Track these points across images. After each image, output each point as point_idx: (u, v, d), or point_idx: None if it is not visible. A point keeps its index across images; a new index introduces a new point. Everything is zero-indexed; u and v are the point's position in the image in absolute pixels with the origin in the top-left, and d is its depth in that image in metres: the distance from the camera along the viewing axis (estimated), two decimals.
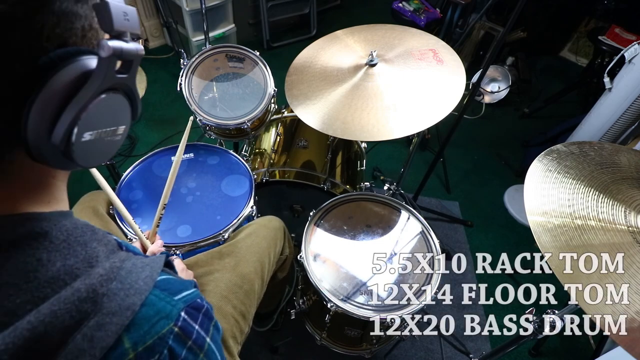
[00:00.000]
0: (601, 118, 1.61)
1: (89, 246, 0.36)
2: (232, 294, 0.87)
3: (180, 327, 0.38)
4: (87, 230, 0.38)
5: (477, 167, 2.24)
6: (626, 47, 1.45)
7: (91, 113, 0.33)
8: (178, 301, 0.39)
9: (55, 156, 0.33)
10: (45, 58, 0.30)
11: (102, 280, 0.34)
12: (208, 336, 0.41)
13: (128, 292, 0.35)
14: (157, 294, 0.38)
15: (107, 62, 0.31)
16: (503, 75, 2.15)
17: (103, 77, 0.32)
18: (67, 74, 0.31)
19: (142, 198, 1.09)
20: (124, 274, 0.36)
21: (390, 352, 1.41)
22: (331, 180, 1.32)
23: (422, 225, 1.11)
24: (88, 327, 0.32)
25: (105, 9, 0.30)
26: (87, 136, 0.34)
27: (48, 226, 0.35)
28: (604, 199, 0.71)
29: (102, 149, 0.37)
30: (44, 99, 0.30)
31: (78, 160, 0.34)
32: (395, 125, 0.95)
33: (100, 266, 0.35)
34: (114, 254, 0.38)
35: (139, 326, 0.35)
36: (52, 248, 0.34)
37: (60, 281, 0.33)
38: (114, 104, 0.36)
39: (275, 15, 2.80)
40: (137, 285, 0.36)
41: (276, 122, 1.48)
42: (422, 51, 1.07)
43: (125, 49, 0.32)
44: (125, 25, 0.32)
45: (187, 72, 1.27)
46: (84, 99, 0.32)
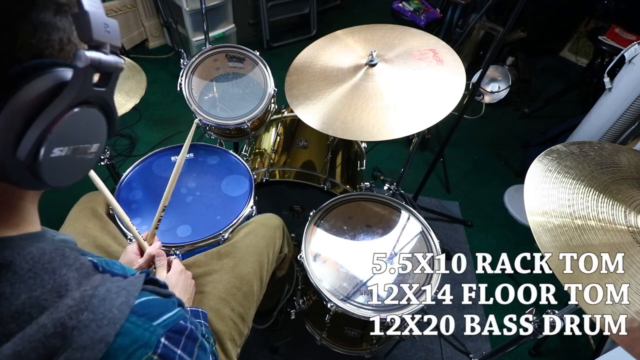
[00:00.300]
0: (601, 118, 1.61)
1: (58, 273, 0.34)
2: (231, 296, 0.87)
3: (160, 355, 0.36)
4: (56, 255, 0.35)
5: (477, 167, 2.24)
6: (626, 47, 1.45)
7: (63, 127, 0.30)
8: (157, 327, 0.37)
9: (21, 174, 0.30)
10: (17, 67, 0.28)
11: (72, 312, 0.32)
12: (192, 358, 0.39)
13: (100, 323, 0.33)
14: (133, 321, 0.35)
15: (84, 73, 0.30)
16: (503, 75, 2.15)
17: (78, 89, 0.30)
18: (38, 85, 0.29)
19: (142, 198, 1.09)
20: (97, 303, 0.34)
21: (390, 352, 1.41)
22: (331, 180, 1.32)
23: (422, 225, 1.11)
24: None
25: (84, 19, 0.29)
26: (56, 152, 0.31)
27: (12, 255, 0.32)
28: (604, 199, 0.71)
29: (72, 167, 0.35)
30: (12, 110, 0.28)
31: (46, 178, 0.31)
32: (395, 125, 0.95)
33: (69, 296, 0.33)
34: (87, 279, 0.36)
35: (115, 358, 0.33)
36: (15, 279, 0.31)
37: (26, 315, 0.31)
38: (88, 119, 0.33)
39: (275, 15, 2.80)
40: (111, 314, 0.34)
41: (276, 122, 1.48)
42: (422, 51, 1.07)
43: (104, 61, 0.30)
44: (105, 37, 0.31)
45: (187, 72, 1.27)
46: (55, 111, 0.29)
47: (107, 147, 1.30)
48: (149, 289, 0.41)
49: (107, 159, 1.30)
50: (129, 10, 2.56)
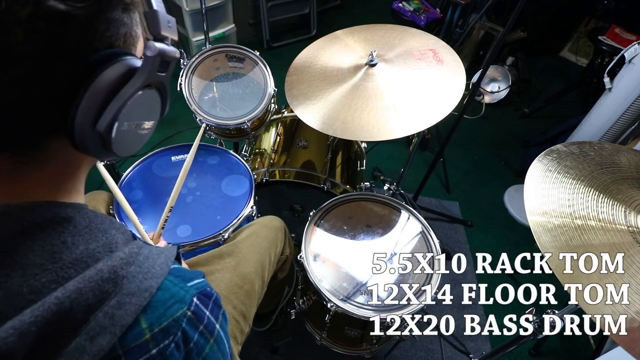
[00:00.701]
0: (601, 118, 1.61)
1: (109, 233, 0.39)
2: (233, 294, 0.87)
3: (193, 312, 0.39)
4: (106, 219, 0.40)
5: (477, 167, 2.24)
6: (626, 47, 1.45)
7: (132, 106, 0.36)
8: (191, 287, 0.41)
9: (95, 145, 0.36)
10: (96, 56, 0.34)
11: (122, 264, 0.36)
12: (217, 323, 0.43)
13: (146, 276, 0.37)
14: (171, 280, 0.40)
15: (152, 60, 0.36)
16: (503, 75, 2.15)
17: (147, 74, 0.36)
18: (113, 71, 0.35)
19: (142, 198, 1.09)
20: (142, 259, 0.38)
21: (390, 352, 1.41)
22: (331, 180, 1.32)
23: (422, 225, 1.11)
24: (109, 306, 0.34)
25: (155, 16, 0.36)
26: (125, 126, 0.37)
27: (72, 212, 0.37)
28: (604, 199, 0.71)
29: (134, 140, 0.40)
30: (94, 91, 0.34)
31: (114, 148, 0.37)
32: (395, 125, 0.95)
33: (120, 251, 0.38)
34: (131, 242, 0.41)
35: (155, 308, 0.37)
36: (75, 232, 0.36)
37: (83, 263, 0.35)
38: (150, 99, 0.39)
39: (275, 15, 2.80)
40: (154, 270, 0.38)
41: (276, 122, 1.48)
42: (422, 51, 1.07)
43: (167, 51, 0.37)
44: (168, 31, 0.37)
45: (187, 72, 1.27)
46: (129, 91, 0.35)
47: None
48: (177, 263, 0.45)
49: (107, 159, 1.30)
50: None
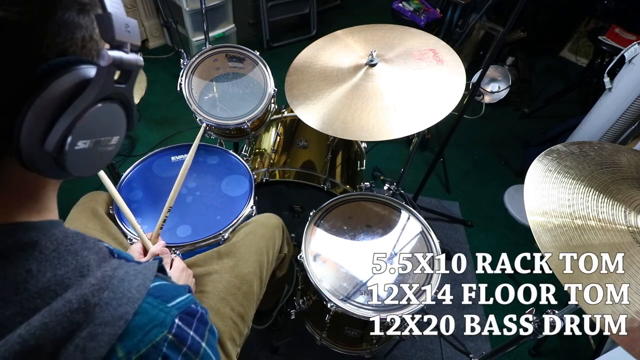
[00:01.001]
0: (601, 118, 1.61)
1: (80, 255, 0.36)
2: (231, 295, 0.87)
3: (175, 334, 0.38)
4: (77, 238, 0.37)
5: (477, 167, 2.24)
6: (626, 47, 1.45)
7: (87, 121, 0.32)
8: (171, 308, 0.39)
9: (47, 165, 0.33)
10: (44, 66, 0.30)
11: (94, 290, 0.34)
12: (203, 341, 0.41)
13: (120, 302, 0.35)
14: (150, 302, 0.37)
15: (106, 71, 0.32)
16: (503, 75, 2.15)
17: (101, 86, 0.32)
18: (64, 82, 0.31)
19: (142, 198, 1.09)
20: (116, 283, 0.36)
21: (390, 352, 1.41)
22: (331, 180, 1.32)
23: (422, 225, 1.11)
24: (80, 338, 0.32)
25: (107, 20, 0.31)
26: (80, 145, 0.33)
27: (37, 236, 0.34)
28: (604, 199, 0.71)
29: (94, 158, 0.37)
30: (40, 105, 0.30)
31: (70, 169, 0.33)
32: (395, 125, 0.95)
33: (92, 275, 0.35)
34: (106, 262, 0.38)
35: (132, 335, 0.35)
36: (41, 258, 0.33)
37: (51, 292, 0.32)
38: (110, 113, 0.35)
39: (275, 15, 2.80)
40: (130, 293, 0.36)
41: (276, 122, 1.48)
42: (422, 51, 1.07)
43: (125, 59, 0.32)
44: (126, 37, 0.32)
45: (187, 72, 1.27)
46: (81, 106, 0.32)
47: None
48: (160, 277, 0.43)
49: None
50: (129, 11, 2.56)
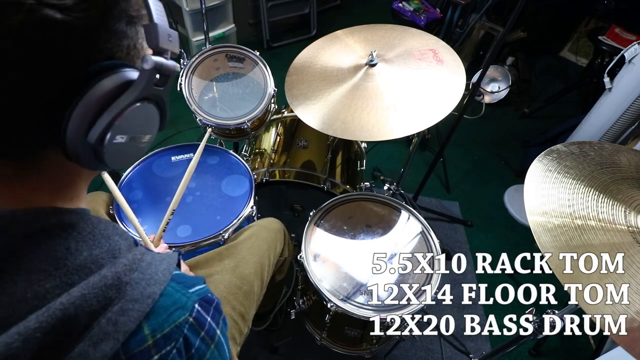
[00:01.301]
0: (601, 118, 1.61)
1: (112, 239, 0.39)
2: (231, 295, 0.87)
3: (195, 318, 0.40)
4: (109, 225, 0.41)
5: (477, 167, 2.24)
6: (626, 47, 1.45)
7: (126, 118, 0.36)
8: (192, 294, 0.41)
9: (87, 155, 0.35)
10: (94, 67, 0.34)
11: (126, 270, 0.37)
12: (218, 328, 0.44)
13: (149, 282, 0.38)
14: (173, 286, 0.40)
15: (148, 74, 0.35)
16: (503, 75, 2.15)
17: (143, 87, 0.36)
18: (110, 82, 0.34)
19: (142, 198, 1.09)
20: (145, 266, 0.39)
21: (390, 352, 1.41)
22: (331, 180, 1.32)
23: (422, 225, 1.11)
24: (113, 312, 0.34)
25: (154, 29, 0.36)
26: (118, 139, 0.36)
27: (76, 218, 0.38)
28: (604, 199, 0.71)
29: (128, 153, 0.40)
30: (88, 101, 0.33)
31: (107, 161, 0.36)
32: (395, 125, 0.95)
33: (124, 257, 0.38)
34: (134, 248, 0.41)
35: (158, 314, 0.37)
36: (79, 238, 0.36)
37: (87, 269, 0.35)
38: (146, 112, 0.39)
39: (275, 15, 2.80)
40: (157, 276, 0.39)
41: (276, 122, 1.48)
42: (422, 51, 1.07)
43: (165, 65, 0.36)
44: (167, 45, 0.37)
45: (187, 72, 1.27)
46: (122, 104, 0.35)
47: None
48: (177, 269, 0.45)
49: None
50: None
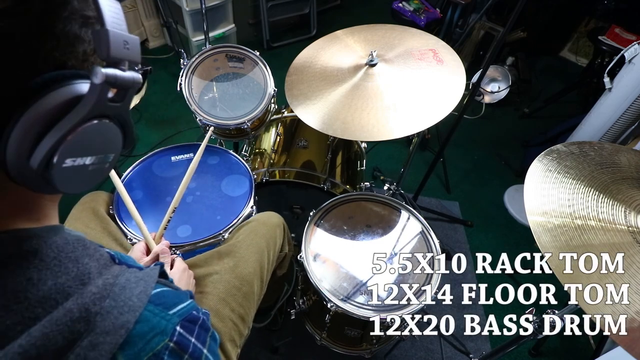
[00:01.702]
0: (601, 118, 1.61)
1: (81, 262, 0.35)
2: (231, 296, 0.86)
3: (176, 342, 0.37)
4: (78, 245, 0.37)
5: (477, 167, 2.24)
6: (626, 47, 1.45)
7: (76, 139, 0.31)
8: (173, 316, 0.38)
9: (34, 180, 0.31)
10: (38, 79, 0.29)
11: (95, 299, 0.33)
12: (205, 348, 0.41)
13: (122, 310, 0.34)
14: (151, 310, 0.37)
15: (99, 89, 0.30)
16: (503, 75, 2.15)
17: (93, 104, 0.30)
18: (56, 97, 0.30)
19: (142, 198, 1.09)
20: (117, 291, 0.35)
21: (390, 352, 1.41)
22: (331, 180, 1.32)
23: (422, 225, 1.11)
24: (81, 348, 0.31)
25: (104, 36, 0.29)
26: (69, 162, 0.32)
27: (38, 244, 0.34)
28: (604, 199, 0.71)
29: (85, 176, 0.35)
30: (28, 119, 0.29)
31: (59, 186, 0.32)
32: (395, 125, 0.95)
33: (93, 284, 0.35)
34: (107, 269, 0.38)
35: (134, 344, 0.35)
36: (42, 266, 0.33)
37: (52, 300, 0.32)
38: (102, 131, 0.34)
39: (275, 15, 2.80)
40: (131, 302, 0.36)
41: (276, 122, 1.48)
42: (422, 51, 1.07)
43: (120, 77, 0.31)
44: (123, 54, 0.31)
45: (187, 72, 1.27)
46: (69, 124, 0.30)
47: None
48: (162, 282, 0.42)
49: None
50: (129, 10, 2.56)
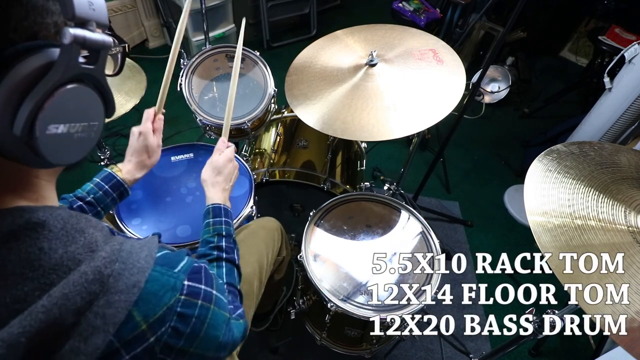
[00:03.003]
0: (601, 118, 1.61)
1: (87, 232, 0.37)
2: None
3: (187, 294, 0.41)
4: (81, 217, 0.38)
5: (477, 167, 2.24)
6: (626, 47, 1.45)
7: (55, 104, 0.32)
8: (179, 273, 0.42)
9: (22, 151, 0.32)
10: (11, 49, 0.30)
11: (106, 262, 0.36)
12: (214, 289, 0.45)
13: (132, 271, 0.37)
14: (159, 270, 0.40)
15: (69, 50, 0.31)
16: (503, 75, 2.15)
17: (65, 66, 0.31)
18: (29, 64, 0.30)
19: (142, 198, 1.09)
20: (125, 255, 0.38)
21: (390, 352, 1.41)
22: (331, 180, 1.32)
23: (422, 225, 1.11)
24: (99, 306, 0.34)
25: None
26: (52, 129, 0.33)
27: (44, 216, 0.35)
28: (604, 199, 0.71)
29: (73, 145, 0.36)
30: (6, 88, 0.30)
31: (46, 155, 0.33)
32: (395, 125, 0.95)
33: (102, 250, 0.37)
34: (111, 238, 0.40)
35: (147, 301, 0.37)
36: (51, 236, 0.34)
37: (65, 267, 0.34)
38: (82, 96, 0.35)
39: (275, 15, 2.80)
40: (139, 264, 0.38)
41: (276, 122, 1.48)
42: (422, 51, 1.07)
43: (89, 38, 0.31)
44: (89, 15, 0.31)
45: (187, 72, 1.27)
46: (45, 87, 0.31)
47: (107, 147, 1.30)
48: (162, 246, 0.45)
49: (107, 159, 1.30)
50: (129, 10, 2.56)
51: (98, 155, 1.30)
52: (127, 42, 0.56)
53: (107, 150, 1.30)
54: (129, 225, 1.01)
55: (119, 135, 2.16)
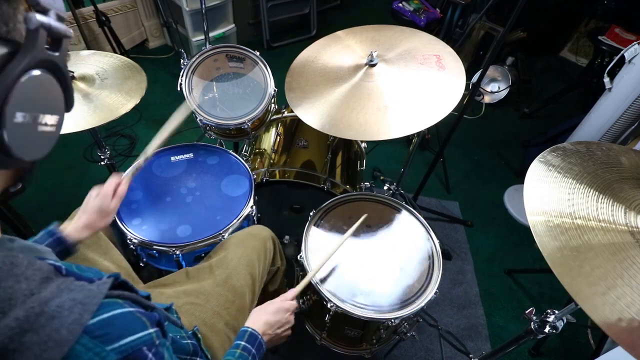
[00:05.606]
0: (601, 118, 1.61)
1: (2, 286, 0.31)
2: (225, 309, 0.86)
3: None
4: (2, 265, 0.32)
5: (477, 167, 2.24)
6: (626, 47, 1.45)
7: (22, 89, 0.31)
8: (110, 352, 0.33)
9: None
10: None
11: (13, 335, 0.29)
12: None
13: (45, 346, 0.29)
14: (84, 343, 0.32)
15: (36, 34, 0.31)
16: (503, 75, 2.15)
17: (33, 50, 0.31)
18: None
19: (142, 198, 1.09)
20: (43, 322, 0.30)
21: (390, 352, 1.41)
22: (331, 180, 1.32)
23: (422, 225, 1.11)
24: None
25: None
26: (19, 117, 0.32)
27: None
28: (604, 199, 0.71)
29: (36, 138, 0.35)
30: None
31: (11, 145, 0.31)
32: (395, 125, 0.95)
33: (12, 315, 0.29)
34: (42, 287, 0.32)
35: None
36: None
37: None
38: (45, 85, 0.35)
39: (275, 15, 2.81)
40: (59, 335, 0.30)
41: (276, 122, 1.48)
42: (425, 56, 1.07)
43: (53, 25, 0.32)
44: (50, 4, 0.33)
45: (187, 72, 1.27)
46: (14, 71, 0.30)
47: (107, 147, 1.30)
48: (124, 296, 0.37)
49: (107, 159, 1.30)
50: (129, 10, 2.56)
51: (98, 155, 1.30)
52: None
53: (107, 150, 1.30)
54: (129, 225, 1.01)
55: (119, 135, 2.16)
